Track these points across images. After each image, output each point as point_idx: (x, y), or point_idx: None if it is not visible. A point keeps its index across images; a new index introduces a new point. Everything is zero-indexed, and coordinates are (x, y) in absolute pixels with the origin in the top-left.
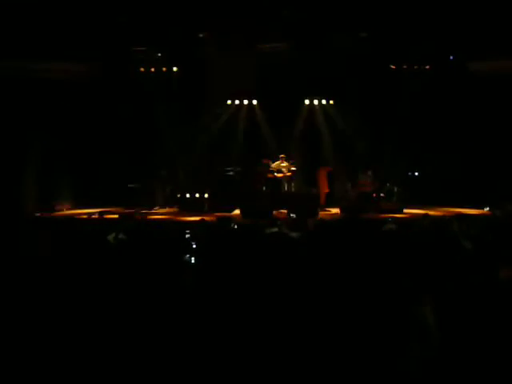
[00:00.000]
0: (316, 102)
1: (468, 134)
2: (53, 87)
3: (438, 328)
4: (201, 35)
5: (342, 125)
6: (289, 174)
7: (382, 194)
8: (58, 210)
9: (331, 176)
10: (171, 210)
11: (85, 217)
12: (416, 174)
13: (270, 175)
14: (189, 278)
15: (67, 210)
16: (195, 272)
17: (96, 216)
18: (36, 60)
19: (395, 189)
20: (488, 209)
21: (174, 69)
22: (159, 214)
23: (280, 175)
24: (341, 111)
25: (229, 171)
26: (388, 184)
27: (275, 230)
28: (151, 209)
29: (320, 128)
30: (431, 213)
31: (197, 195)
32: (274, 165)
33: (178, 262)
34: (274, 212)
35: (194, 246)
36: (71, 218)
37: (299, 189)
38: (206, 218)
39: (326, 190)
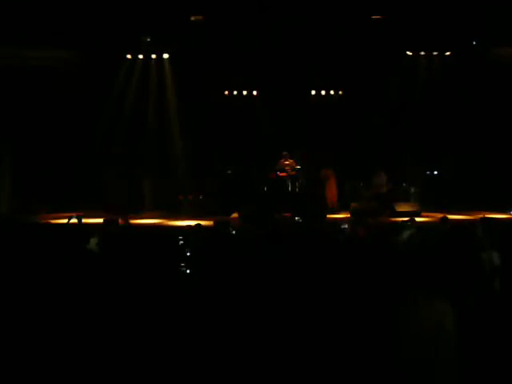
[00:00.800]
0: (323, 92)
1: (492, 128)
2: (33, 75)
3: (457, 330)
4: (192, 19)
5: (352, 118)
6: (292, 173)
7: (397, 195)
8: (35, 215)
9: (339, 176)
10: (161, 213)
11: (63, 221)
12: (435, 173)
13: (271, 175)
14: (183, 290)
15: (44, 213)
16: (190, 283)
17: (74, 221)
18: (21, 46)
19: (412, 189)
20: None
21: (165, 56)
22: (148, 217)
23: (283, 174)
24: (351, 103)
25: (227, 170)
26: (404, 184)
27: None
28: (139, 212)
29: (327, 122)
30: (452, 217)
31: (190, 197)
32: (290, 163)
33: (168, 273)
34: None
35: (188, 254)
36: (48, 223)
37: (304, 189)
38: (202, 223)
39: (334, 192)
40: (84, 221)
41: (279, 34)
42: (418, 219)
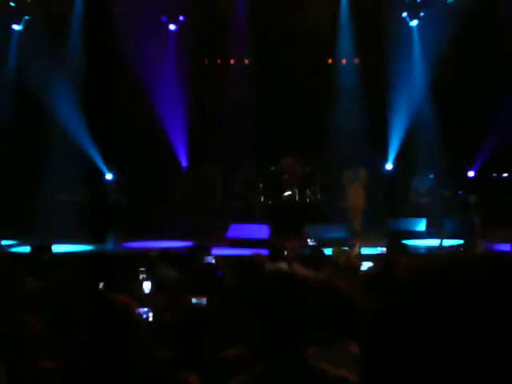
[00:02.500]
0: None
1: None
2: None
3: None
4: None
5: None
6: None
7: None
8: None
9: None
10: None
11: None
12: (505, 175)
13: (284, 176)
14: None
15: None
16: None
17: None
18: None
19: (471, 199)
20: None
21: None
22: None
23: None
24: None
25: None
26: (460, 193)
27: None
28: None
29: (345, 106)
30: None
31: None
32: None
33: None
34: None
35: (147, 292)
36: None
37: (318, 200)
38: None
39: (360, 205)
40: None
41: None
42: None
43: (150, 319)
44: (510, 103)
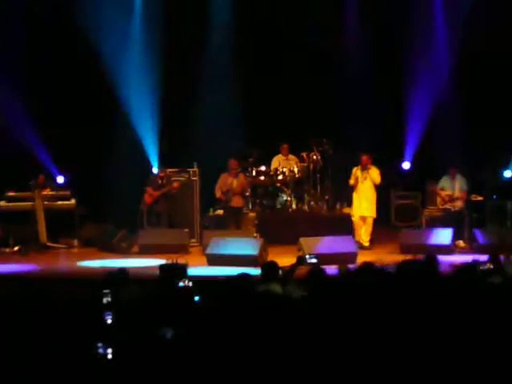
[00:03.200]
0: None
1: None
2: None
3: None
4: None
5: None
6: (297, 175)
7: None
8: None
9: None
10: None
11: None
12: None
13: (257, 180)
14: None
15: None
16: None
17: None
18: None
19: (508, 205)
20: None
21: None
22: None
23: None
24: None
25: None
26: (495, 198)
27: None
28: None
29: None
30: None
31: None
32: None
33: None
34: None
35: (110, 322)
36: None
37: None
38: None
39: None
40: None
41: None
42: None
43: (109, 356)
44: None
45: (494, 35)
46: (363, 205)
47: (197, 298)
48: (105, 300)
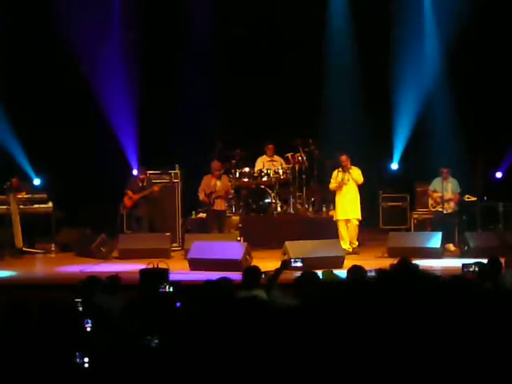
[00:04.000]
0: None
1: None
2: None
3: None
4: None
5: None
6: (282, 176)
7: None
8: None
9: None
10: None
11: None
12: None
13: (241, 181)
14: None
15: None
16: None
17: None
18: None
19: (500, 207)
20: None
21: None
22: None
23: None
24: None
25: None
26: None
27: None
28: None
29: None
30: None
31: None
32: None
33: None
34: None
35: (89, 329)
36: None
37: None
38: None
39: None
40: None
41: None
42: None
43: (86, 366)
44: None
45: (484, 35)
46: (347, 207)
47: (178, 304)
48: (83, 307)
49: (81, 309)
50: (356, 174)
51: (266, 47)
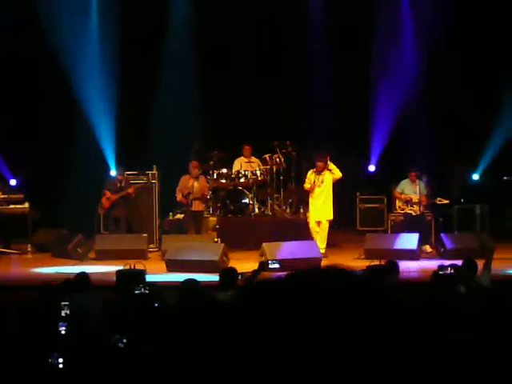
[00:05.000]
0: None
1: None
2: None
3: None
4: None
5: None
6: (260, 178)
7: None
8: None
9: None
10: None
11: None
12: None
13: (219, 182)
14: None
15: None
16: None
17: None
18: None
19: (477, 209)
20: None
21: None
22: None
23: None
24: None
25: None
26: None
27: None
28: None
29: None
30: None
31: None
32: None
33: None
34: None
35: (63, 332)
36: None
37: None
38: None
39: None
40: None
41: None
42: None
43: (61, 366)
44: None
45: (462, 39)
46: (319, 209)
47: (156, 305)
48: (63, 313)
49: (55, 310)
50: (335, 170)
51: (243, 48)
